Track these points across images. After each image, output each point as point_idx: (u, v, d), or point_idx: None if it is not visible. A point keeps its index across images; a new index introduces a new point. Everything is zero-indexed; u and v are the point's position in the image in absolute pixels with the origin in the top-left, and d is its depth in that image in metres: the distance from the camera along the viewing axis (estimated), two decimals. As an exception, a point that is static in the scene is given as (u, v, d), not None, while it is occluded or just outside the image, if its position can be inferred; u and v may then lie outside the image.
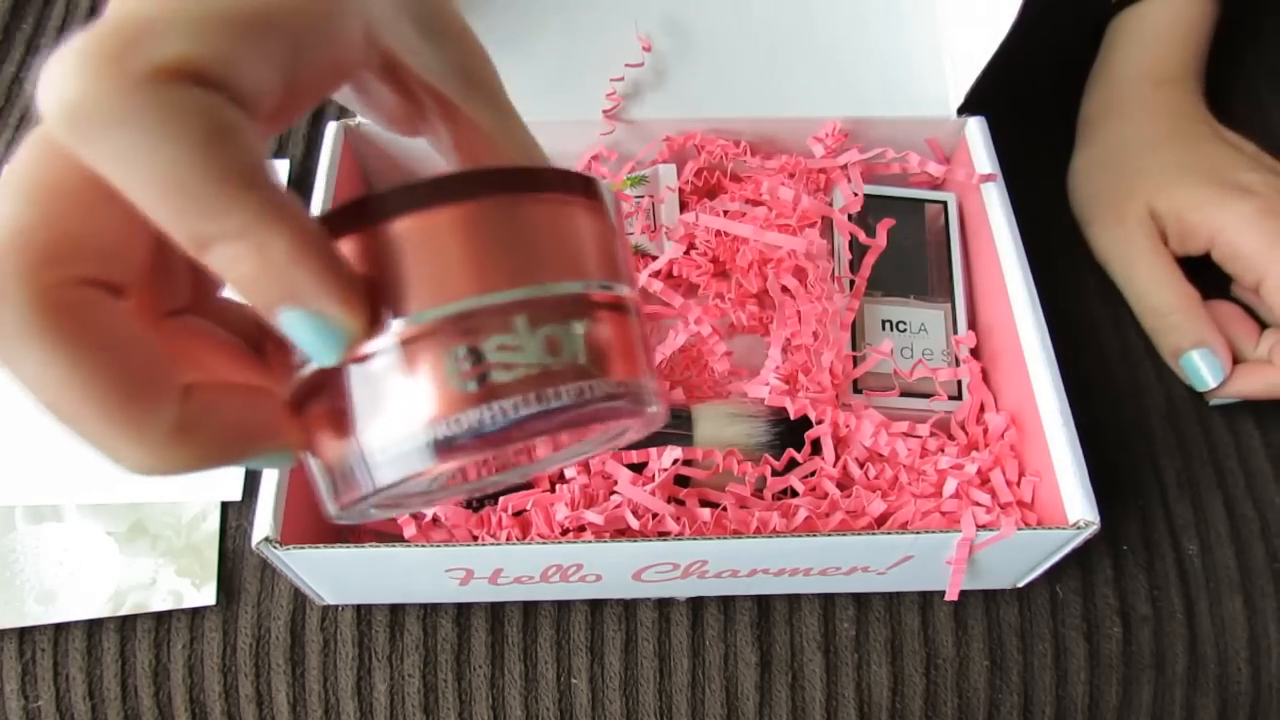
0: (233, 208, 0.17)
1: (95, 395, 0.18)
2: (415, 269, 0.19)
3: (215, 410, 0.19)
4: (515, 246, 0.20)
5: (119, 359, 0.18)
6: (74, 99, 0.16)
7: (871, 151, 0.48)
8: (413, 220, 0.19)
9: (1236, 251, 0.45)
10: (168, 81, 0.16)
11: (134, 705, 0.40)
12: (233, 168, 0.17)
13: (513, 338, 0.19)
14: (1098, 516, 0.35)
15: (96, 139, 0.16)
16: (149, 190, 0.16)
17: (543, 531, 0.38)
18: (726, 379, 0.45)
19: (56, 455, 0.44)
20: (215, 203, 0.16)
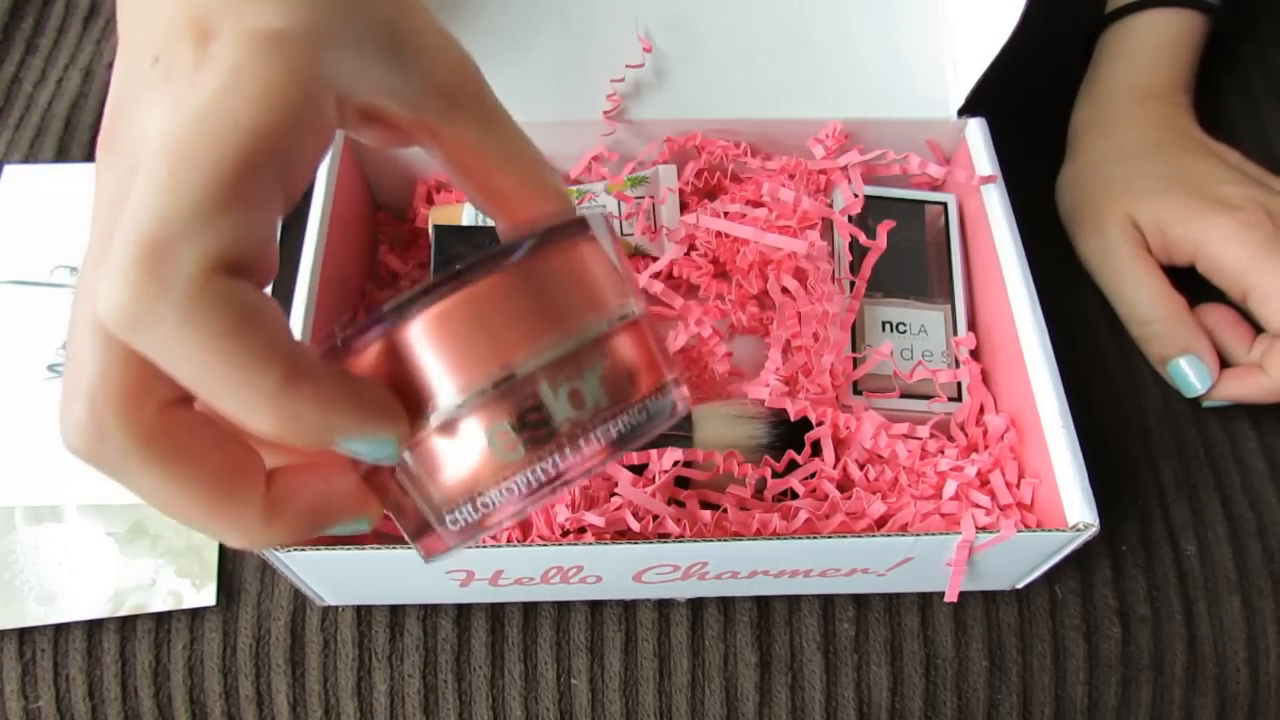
0: (258, 388, 0.19)
1: (196, 499, 0.21)
2: (437, 359, 0.21)
3: (298, 493, 0.22)
4: (526, 312, 0.22)
5: (210, 465, 0.21)
6: (117, 311, 0.18)
7: (872, 153, 0.48)
8: (423, 318, 0.21)
9: (1219, 266, 0.45)
10: (196, 285, 0.18)
11: (134, 706, 0.40)
12: (254, 352, 0.19)
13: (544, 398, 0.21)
14: (1097, 519, 0.35)
15: (142, 338, 0.19)
16: (191, 377, 0.19)
17: (543, 533, 0.38)
18: (727, 380, 0.45)
19: (56, 455, 0.44)
20: (243, 387, 0.19)
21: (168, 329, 0.18)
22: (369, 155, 0.49)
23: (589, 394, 0.22)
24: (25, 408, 0.45)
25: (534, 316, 0.22)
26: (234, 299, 0.19)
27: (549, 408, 0.22)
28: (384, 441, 0.21)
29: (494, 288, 0.21)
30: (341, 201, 0.45)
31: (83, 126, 0.53)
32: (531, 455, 0.22)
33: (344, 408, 0.20)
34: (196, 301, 0.18)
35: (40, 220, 0.50)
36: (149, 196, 0.19)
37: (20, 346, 0.46)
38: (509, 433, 0.21)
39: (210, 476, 0.21)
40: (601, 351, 0.23)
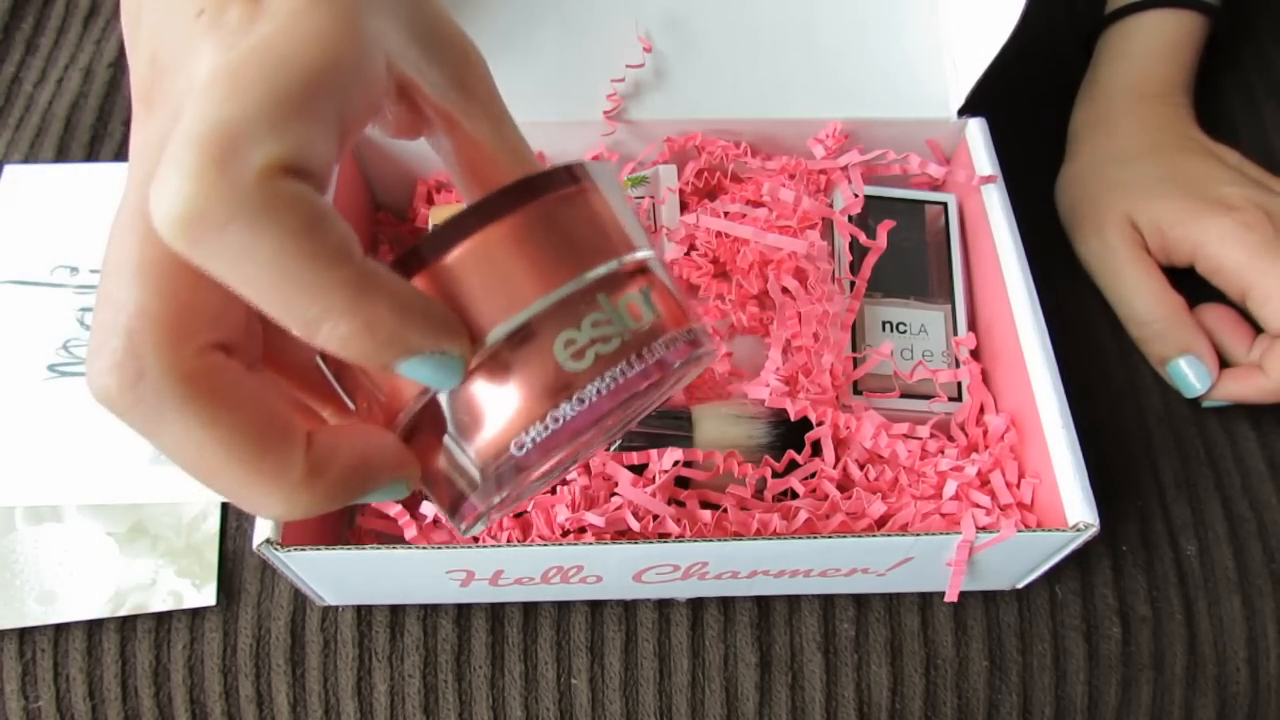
0: (335, 289, 0.18)
1: (234, 453, 0.20)
2: (487, 287, 0.21)
3: (338, 451, 0.21)
4: (565, 241, 0.22)
5: (251, 416, 0.20)
6: (183, 209, 0.17)
7: (872, 153, 0.48)
8: (465, 248, 0.21)
9: (1218, 266, 0.45)
10: (266, 181, 0.18)
11: (134, 706, 0.40)
12: (329, 252, 0.18)
13: (600, 314, 0.22)
14: (1097, 519, 0.35)
15: (207, 241, 0.18)
16: (260, 285, 0.18)
17: (543, 533, 0.38)
18: (727, 380, 0.45)
19: (56, 455, 0.44)
20: (319, 288, 0.18)
21: (239, 228, 0.17)
22: (369, 155, 0.49)
23: (645, 309, 0.22)
24: (25, 408, 0.45)
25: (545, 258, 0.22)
26: (306, 199, 0.18)
27: (610, 316, 0.22)
28: (451, 361, 0.20)
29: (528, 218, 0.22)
30: (341, 201, 0.45)
31: (83, 126, 0.53)
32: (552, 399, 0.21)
33: (418, 316, 0.20)
34: (269, 198, 0.18)
35: (40, 220, 0.50)
36: (209, 103, 0.18)
37: (20, 346, 0.46)
38: (572, 343, 0.21)
39: (250, 427, 0.20)
40: (646, 276, 0.23)
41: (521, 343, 0.21)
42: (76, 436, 0.44)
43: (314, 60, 0.19)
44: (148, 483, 0.43)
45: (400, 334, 0.19)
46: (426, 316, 0.20)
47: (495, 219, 0.21)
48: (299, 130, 0.18)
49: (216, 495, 0.43)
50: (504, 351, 0.21)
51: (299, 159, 0.18)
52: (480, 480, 0.22)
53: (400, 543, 0.37)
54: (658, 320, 0.23)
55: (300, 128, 0.18)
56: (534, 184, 0.22)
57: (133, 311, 0.19)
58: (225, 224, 0.17)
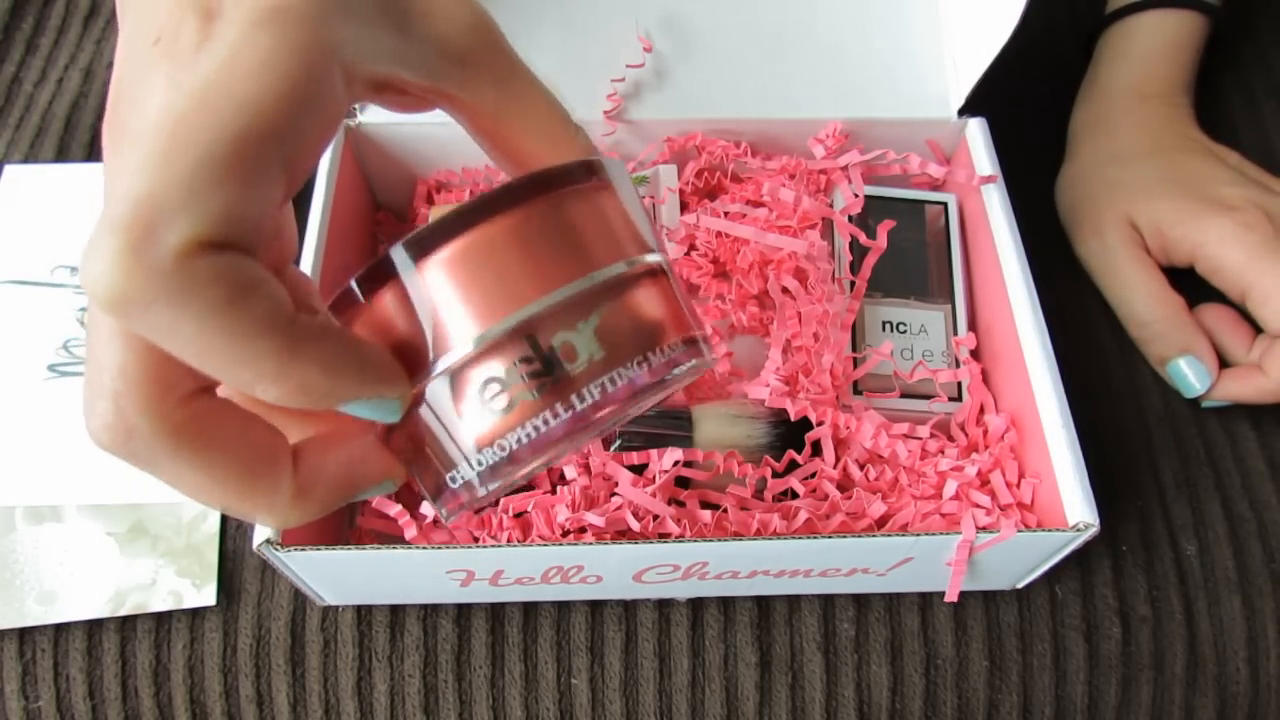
0: (262, 359, 0.19)
1: (227, 486, 0.21)
2: (453, 300, 0.21)
3: (324, 467, 0.23)
4: (541, 251, 0.21)
5: (238, 452, 0.21)
6: (105, 293, 0.18)
7: (872, 153, 0.48)
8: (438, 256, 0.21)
9: (1218, 267, 0.45)
10: (183, 262, 0.18)
11: (134, 706, 0.40)
12: (253, 323, 0.19)
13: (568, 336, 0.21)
14: (1097, 519, 0.35)
15: (134, 319, 0.18)
16: (192, 356, 0.19)
17: (543, 533, 0.38)
18: (727, 380, 0.45)
19: (56, 455, 0.44)
20: (247, 358, 0.19)
21: (159, 309, 0.18)
22: (369, 155, 0.49)
23: (614, 333, 0.22)
24: (25, 408, 0.45)
25: (548, 257, 0.21)
26: (224, 274, 0.18)
27: (574, 342, 0.21)
28: (387, 402, 0.21)
29: (505, 228, 0.21)
30: (341, 201, 0.45)
31: (83, 126, 0.53)
32: (554, 391, 0.21)
33: (348, 371, 0.20)
34: (183, 279, 0.18)
35: (40, 220, 0.50)
36: (136, 174, 0.18)
37: (20, 346, 0.46)
38: (522, 375, 0.21)
39: (239, 463, 0.21)
40: (625, 293, 0.22)
41: (514, 342, 0.21)
42: (76, 436, 0.44)
43: (255, 100, 0.19)
44: (148, 483, 0.43)
45: (332, 390, 0.20)
46: (360, 369, 0.21)
47: (498, 213, 0.21)
48: (226, 197, 0.19)
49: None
50: (497, 349, 0.21)
51: (222, 231, 0.18)
52: (464, 473, 0.22)
53: (400, 543, 0.37)
54: (662, 324, 0.22)
55: (228, 193, 0.19)
56: (543, 179, 0.22)
57: (114, 374, 0.20)
58: (147, 305, 0.18)
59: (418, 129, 0.48)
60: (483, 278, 0.21)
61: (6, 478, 0.43)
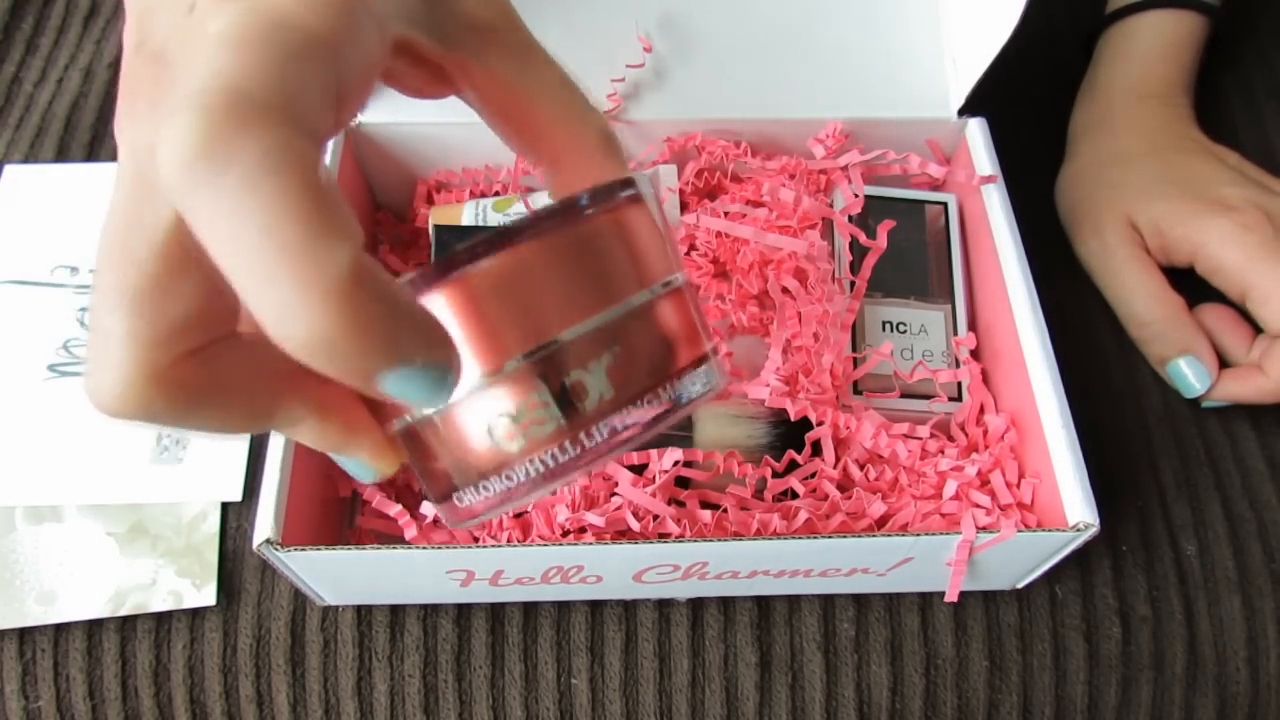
0: (328, 264, 0.16)
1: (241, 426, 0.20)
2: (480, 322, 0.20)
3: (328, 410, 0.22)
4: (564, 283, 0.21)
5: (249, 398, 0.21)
6: (191, 145, 0.16)
7: (872, 153, 0.48)
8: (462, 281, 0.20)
9: (1218, 266, 0.45)
10: (273, 129, 0.16)
11: (134, 706, 0.40)
12: (326, 222, 0.16)
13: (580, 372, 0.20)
14: (1097, 519, 0.35)
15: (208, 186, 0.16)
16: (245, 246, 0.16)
17: (543, 533, 0.38)
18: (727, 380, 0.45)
19: (56, 455, 0.44)
20: (311, 260, 0.16)
21: (239, 172, 0.16)
22: (369, 155, 0.49)
23: (628, 368, 0.21)
24: (25, 408, 0.45)
25: (576, 285, 0.21)
26: (309, 159, 0.17)
27: (586, 381, 0.21)
28: (439, 377, 0.18)
29: (536, 254, 0.20)
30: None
31: (83, 126, 0.53)
32: (565, 429, 0.21)
33: (411, 321, 0.17)
34: (273, 147, 0.16)
35: (40, 220, 0.50)
36: (218, 58, 0.17)
37: (20, 346, 0.46)
38: (532, 411, 0.20)
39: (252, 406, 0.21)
40: (644, 323, 0.21)
41: (528, 377, 0.20)
42: (76, 436, 0.44)
43: (311, 25, 0.18)
44: (148, 483, 0.43)
45: (390, 337, 0.17)
46: (423, 324, 0.18)
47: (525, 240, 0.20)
48: (304, 87, 0.18)
49: (217, 496, 0.43)
50: (511, 381, 0.20)
51: (304, 117, 0.17)
52: (468, 497, 0.22)
53: (400, 543, 0.37)
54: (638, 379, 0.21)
55: (304, 85, 0.18)
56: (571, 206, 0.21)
57: (120, 339, 0.19)
58: (226, 166, 0.16)
59: (417, 129, 0.48)
60: (503, 307, 0.20)
61: (6, 478, 0.43)
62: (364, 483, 0.24)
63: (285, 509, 0.35)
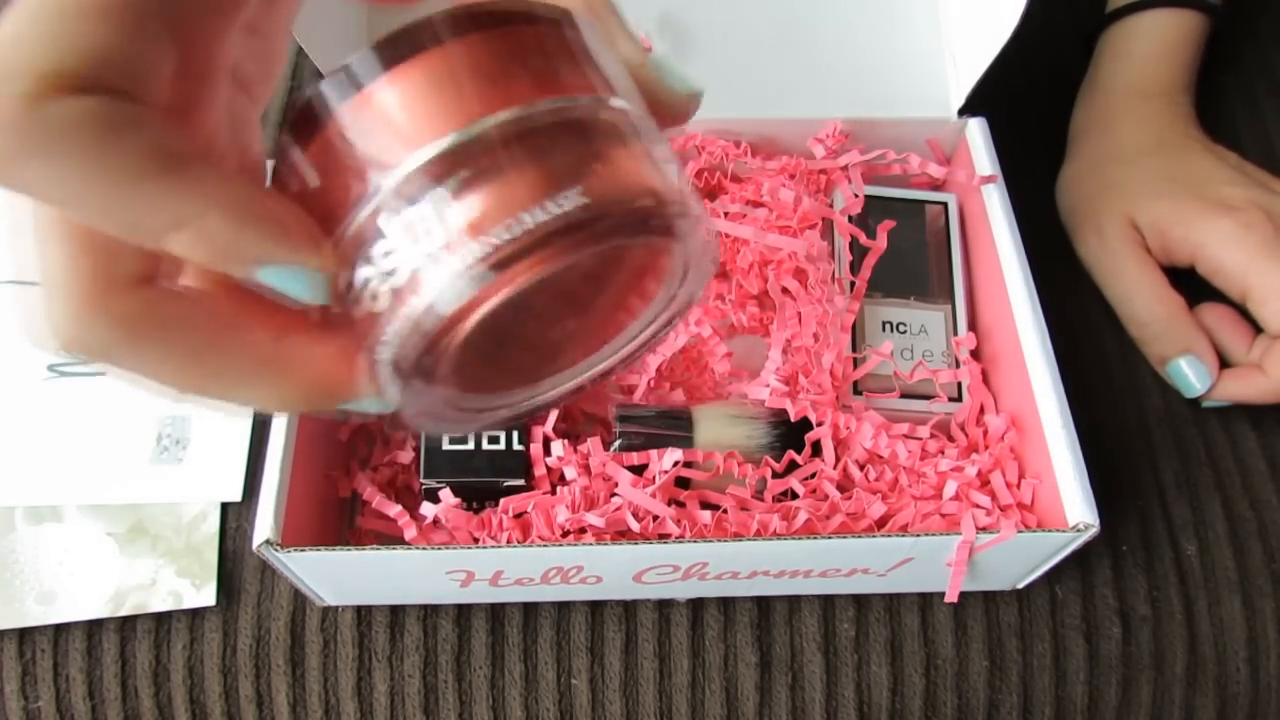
0: (155, 201, 0.17)
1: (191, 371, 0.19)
2: (392, 123, 0.18)
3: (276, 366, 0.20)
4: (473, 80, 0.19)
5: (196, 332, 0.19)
6: None
7: (872, 153, 0.48)
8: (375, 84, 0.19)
9: (1218, 267, 0.45)
10: (39, 101, 0.16)
11: (134, 706, 0.40)
12: (134, 162, 0.17)
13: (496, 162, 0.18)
14: (1097, 519, 0.35)
15: (8, 177, 0.17)
16: (75, 208, 0.17)
17: (543, 534, 0.38)
18: (727, 380, 0.45)
19: (56, 455, 0.44)
20: (136, 202, 0.17)
21: (23, 158, 0.16)
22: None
23: (557, 157, 0.19)
24: (25, 408, 0.45)
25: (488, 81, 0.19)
26: (90, 113, 0.16)
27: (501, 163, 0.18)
28: (306, 271, 0.18)
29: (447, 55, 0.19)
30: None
31: (82, 126, 0.53)
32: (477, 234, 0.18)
33: (257, 223, 0.18)
34: (41, 121, 0.16)
35: (40, 220, 0.50)
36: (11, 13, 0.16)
37: (20, 346, 0.46)
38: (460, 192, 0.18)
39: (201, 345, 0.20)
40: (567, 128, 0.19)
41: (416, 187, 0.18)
42: (76, 436, 0.44)
43: None
44: (148, 483, 0.43)
45: (240, 242, 0.18)
46: (272, 221, 0.18)
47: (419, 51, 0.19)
48: (88, 36, 0.17)
49: (216, 496, 0.43)
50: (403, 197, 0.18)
51: (83, 69, 0.16)
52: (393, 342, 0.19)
53: (400, 543, 0.37)
54: (575, 174, 0.19)
55: (92, 32, 0.17)
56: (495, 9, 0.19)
57: (57, 270, 0.19)
58: (10, 158, 0.16)
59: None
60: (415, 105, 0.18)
61: (6, 478, 0.43)
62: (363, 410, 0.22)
63: (285, 509, 0.35)
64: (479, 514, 0.39)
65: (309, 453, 0.38)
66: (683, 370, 0.46)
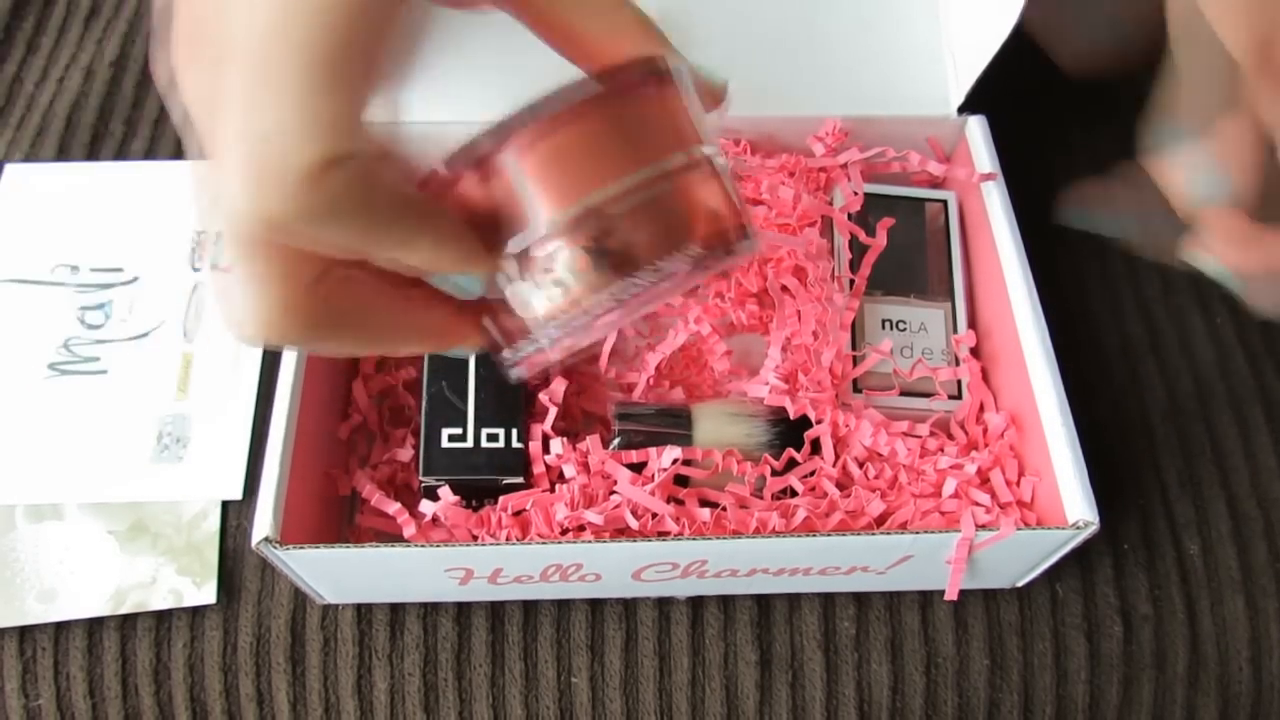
0: (394, 233, 0.23)
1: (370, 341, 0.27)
2: (526, 187, 0.24)
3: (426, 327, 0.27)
4: (607, 145, 0.24)
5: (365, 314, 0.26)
6: (249, 222, 0.21)
7: (872, 150, 0.48)
8: (516, 146, 0.24)
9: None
10: (315, 182, 0.20)
11: (134, 704, 0.40)
12: (388, 208, 0.22)
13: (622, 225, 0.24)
14: (1097, 517, 0.35)
15: (278, 236, 0.22)
16: (335, 249, 0.23)
17: (542, 531, 0.38)
18: (726, 378, 0.45)
19: (56, 454, 0.44)
20: (380, 242, 0.23)
21: (301, 224, 0.21)
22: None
23: (654, 226, 0.24)
24: (26, 407, 0.45)
25: (611, 150, 0.24)
26: (350, 183, 0.21)
27: (616, 237, 0.24)
28: (472, 279, 0.25)
29: (576, 122, 0.23)
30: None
31: (84, 126, 0.53)
32: (600, 280, 0.24)
33: (453, 246, 0.24)
34: (316, 197, 0.21)
35: (40, 220, 0.50)
36: (249, 106, 0.20)
37: (21, 346, 0.46)
38: (580, 258, 0.24)
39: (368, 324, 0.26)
40: (672, 185, 0.24)
41: (578, 227, 0.24)
42: (77, 435, 0.44)
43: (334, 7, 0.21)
44: (148, 481, 0.43)
45: (438, 261, 0.24)
46: (459, 244, 0.24)
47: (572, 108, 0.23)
48: (333, 109, 0.21)
49: (217, 494, 0.43)
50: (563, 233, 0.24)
51: (338, 145, 0.21)
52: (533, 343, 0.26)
53: (399, 541, 0.37)
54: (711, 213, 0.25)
55: (335, 104, 0.21)
56: (614, 77, 0.24)
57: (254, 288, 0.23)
58: (288, 224, 0.21)
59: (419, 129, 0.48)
60: (553, 168, 0.23)
61: (7, 477, 0.43)
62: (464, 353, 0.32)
63: (284, 507, 0.35)
64: (478, 512, 0.39)
65: (309, 450, 0.38)
66: (682, 368, 0.46)
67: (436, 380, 0.40)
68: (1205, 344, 0.48)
